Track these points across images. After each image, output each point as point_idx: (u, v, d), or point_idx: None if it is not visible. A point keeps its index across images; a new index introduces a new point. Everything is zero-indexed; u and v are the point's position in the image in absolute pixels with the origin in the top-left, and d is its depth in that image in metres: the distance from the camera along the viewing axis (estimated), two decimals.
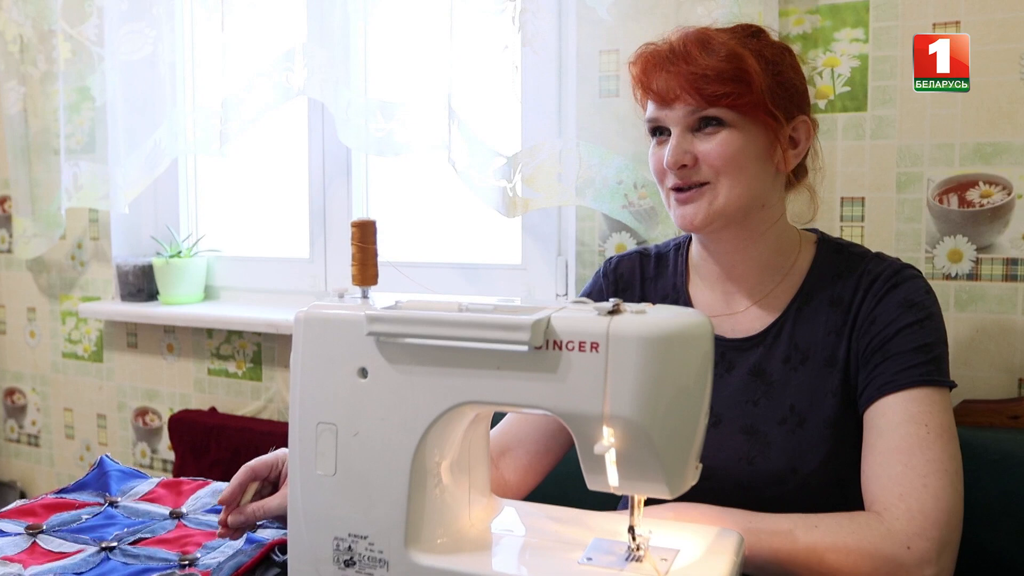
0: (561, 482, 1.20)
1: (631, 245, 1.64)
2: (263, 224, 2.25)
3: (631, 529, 0.74)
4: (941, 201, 1.41)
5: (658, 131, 1.06)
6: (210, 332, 2.18)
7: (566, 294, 1.83)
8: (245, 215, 2.27)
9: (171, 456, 2.21)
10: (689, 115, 1.00)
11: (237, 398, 2.15)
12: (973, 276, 1.40)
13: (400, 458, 0.76)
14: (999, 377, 1.39)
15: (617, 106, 1.61)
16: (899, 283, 1.00)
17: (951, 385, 0.96)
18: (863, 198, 1.47)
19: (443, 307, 0.75)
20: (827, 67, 1.47)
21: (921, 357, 0.95)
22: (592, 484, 0.73)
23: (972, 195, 1.39)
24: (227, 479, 1.05)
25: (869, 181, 1.46)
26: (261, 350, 2.11)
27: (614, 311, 0.69)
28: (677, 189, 1.03)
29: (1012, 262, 1.38)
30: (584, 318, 0.70)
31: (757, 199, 1.02)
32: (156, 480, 1.21)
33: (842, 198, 1.47)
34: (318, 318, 0.79)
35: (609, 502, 1.29)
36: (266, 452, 1.07)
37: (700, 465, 0.73)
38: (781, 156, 1.03)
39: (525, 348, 0.70)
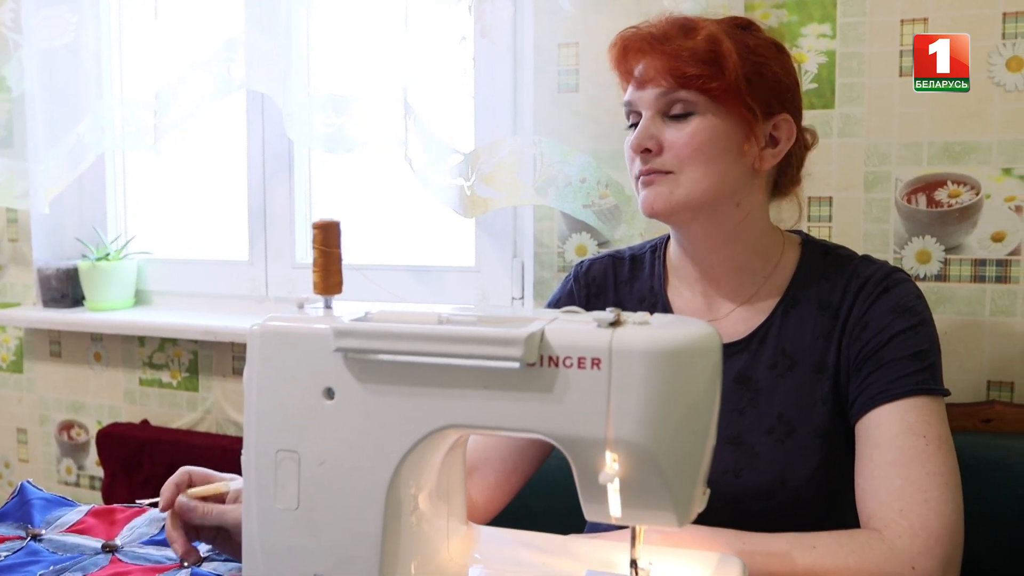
0: (522, 495, 1.13)
1: (592, 245, 1.58)
2: (198, 224, 2.12)
3: (633, 563, 0.67)
4: (909, 201, 1.39)
5: (632, 117, 1.01)
6: (141, 340, 2.04)
7: (522, 297, 1.76)
8: (178, 215, 2.14)
9: (99, 472, 2.06)
10: (660, 97, 0.96)
11: (172, 410, 2.02)
12: (942, 277, 1.38)
13: (373, 489, 0.67)
14: (967, 380, 1.38)
15: (576, 102, 1.55)
16: (890, 287, 0.96)
17: (946, 393, 0.92)
18: (830, 198, 1.43)
19: (420, 319, 0.67)
20: (794, 63, 1.43)
21: (916, 365, 0.91)
22: (591, 515, 0.66)
23: (940, 195, 1.37)
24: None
25: (836, 180, 1.42)
26: (197, 358, 1.98)
27: (615, 323, 0.62)
28: (641, 174, 0.98)
29: (980, 263, 1.36)
30: (583, 331, 0.62)
31: (728, 195, 0.97)
32: (86, 508, 1.09)
33: (809, 198, 1.43)
34: (276, 332, 0.70)
35: (578, 517, 1.22)
36: (205, 467, 0.98)
37: (708, 490, 0.67)
38: (757, 153, 0.98)
39: (516, 365, 0.62)
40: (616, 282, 1.12)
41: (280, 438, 0.70)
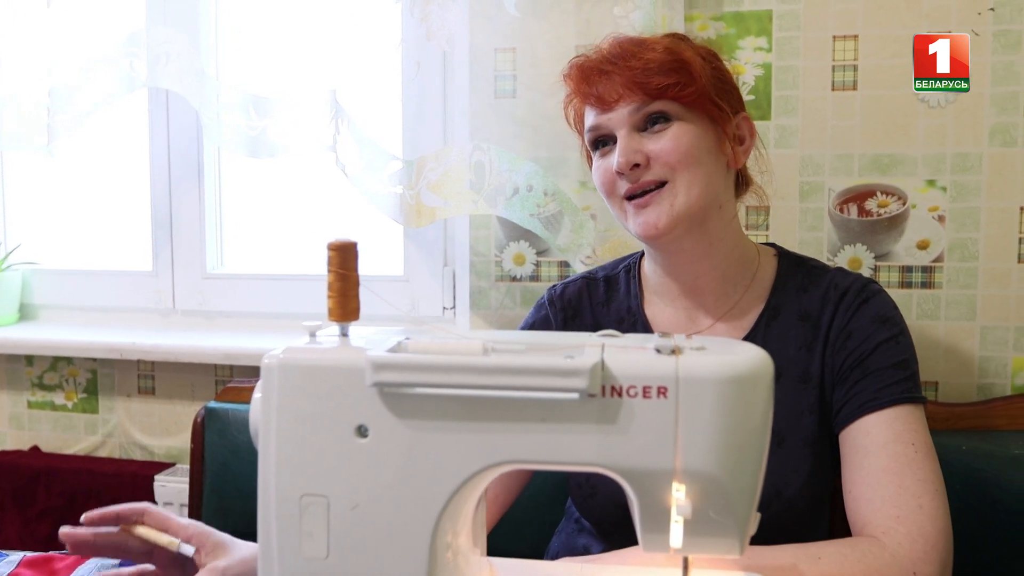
0: None
1: (530, 254, 1.56)
2: (92, 232, 1.95)
3: None
4: (841, 210, 1.44)
5: (600, 142, 1.00)
6: (29, 359, 1.86)
7: (453, 307, 1.72)
8: (68, 221, 1.96)
9: None
10: (634, 113, 0.96)
11: (66, 434, 1.85)
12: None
13: (415, 532, 0.62)
14: None
15: (514, 108, 1.52)
16: (868, 297, 0.99)
17: (925, 400, 0.96)
18: (767, 207, 1.47)
19: (463, 349, 0.63)
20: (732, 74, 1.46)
21: (900, 374, 0.94)
22: (650, 546, 0.64)
23: (870, 205, 1.43)
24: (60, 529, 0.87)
25: (773, 190, 1.46)
26: (97, 377, 1.83)
27: (676, 349, 0.61)
28: (631, 197, 0.97)
29: (907, 269, 1.43)
30: (645, 359, 0.60)
31: (715, 198, 0.99)
32: (16, 557, 0.97)
33: (747, 207, 1.47)
34: (298, 365, 0.64)
35: (547, 527, 1.20)
36: (112, 495, 0.90)
37: (759, 514, 0.66)
38: (731, 151, 1.00)
39: (576, 396, 0.59)
40: (592, 303, 1.11)
41: (305, 481, 0.64)
